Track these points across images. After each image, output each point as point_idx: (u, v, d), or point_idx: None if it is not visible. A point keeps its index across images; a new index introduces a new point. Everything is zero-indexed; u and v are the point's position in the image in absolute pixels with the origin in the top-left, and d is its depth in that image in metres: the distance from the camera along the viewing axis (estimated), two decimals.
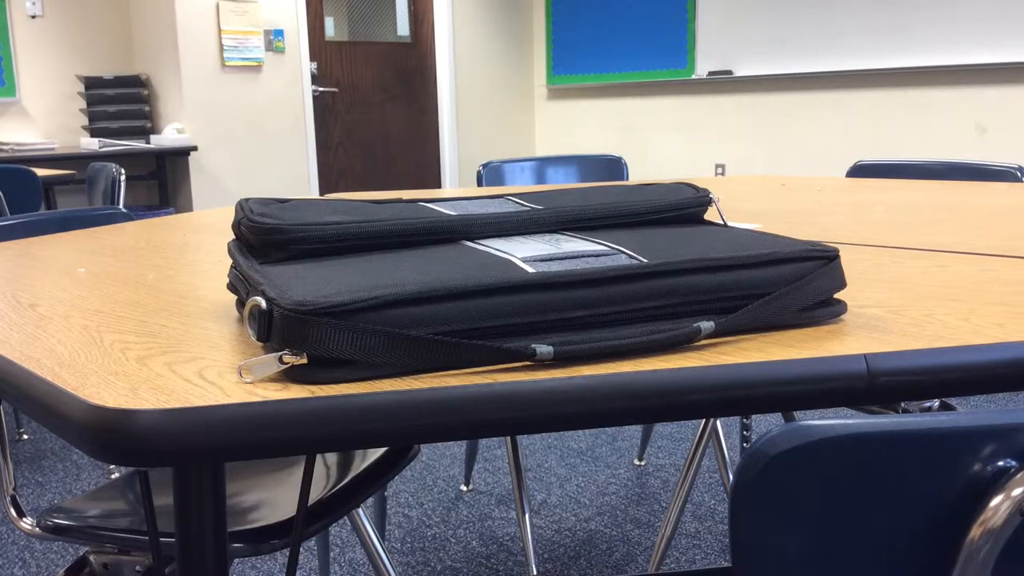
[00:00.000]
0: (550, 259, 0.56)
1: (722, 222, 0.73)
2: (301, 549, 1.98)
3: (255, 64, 5.13)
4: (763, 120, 5.29)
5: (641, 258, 0.56)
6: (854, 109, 4.89)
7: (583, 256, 0.57)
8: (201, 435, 0.42)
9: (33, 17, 4.67)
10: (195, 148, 4.81)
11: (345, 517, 1.21)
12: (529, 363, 0.49)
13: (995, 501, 0.42)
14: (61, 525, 1.08)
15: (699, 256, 0.56)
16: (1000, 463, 0.42)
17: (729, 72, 5.28)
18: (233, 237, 0.72)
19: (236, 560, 1.90)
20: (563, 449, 2.59)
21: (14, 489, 1.14)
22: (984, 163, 1.91)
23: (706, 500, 2.24)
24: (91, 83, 4.74)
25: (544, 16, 6.24)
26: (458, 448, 2.58)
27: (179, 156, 4.92)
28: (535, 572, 1.90)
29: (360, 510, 1.24)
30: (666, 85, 5.70)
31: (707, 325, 0.53)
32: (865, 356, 0.49)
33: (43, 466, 2.53)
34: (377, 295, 0.48)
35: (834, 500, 0.43)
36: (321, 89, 5.50)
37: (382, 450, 1.24)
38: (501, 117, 6.28)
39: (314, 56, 5.44)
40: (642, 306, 0.54)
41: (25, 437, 2.76)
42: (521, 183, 2.19)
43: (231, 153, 5.03)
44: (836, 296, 0.60)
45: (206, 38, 4.89)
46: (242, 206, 0.65)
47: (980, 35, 4.31)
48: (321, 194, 4.94)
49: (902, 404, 1.56)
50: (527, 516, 2.00)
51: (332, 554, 1.99)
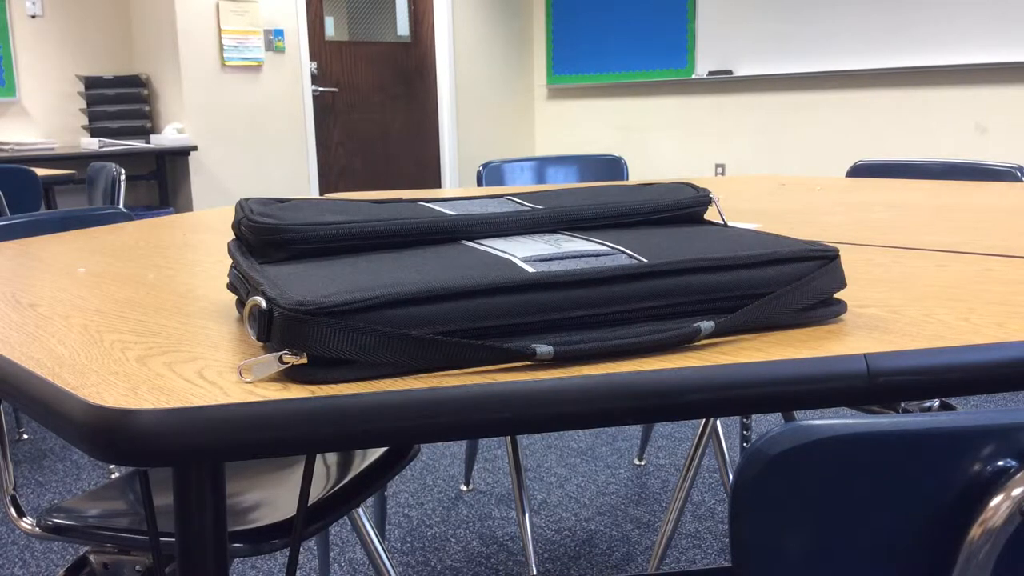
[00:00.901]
0: (550, 259, 0.56)
1: (722, 222, 0.73)
2: (301, 549, 1.98)
3: (255, 64, 5.13)
4: (763, 120, 5.29)
5: (641, 258, 0.56)
6: (854, 109, 4.89)
7: (583, 256, 0.57)
8: (201, 435, 0.42)
9: (33, 17, 4.67)
10: (195, 148, 4.81)
11: (345, 517, 1.21)
12: (529, 363, 0.49)
13: (995, 501, 0.42)
14: (61, 525, 1.08)
15: (699, 256, 0.56)
16: (1000, 463, 0.42)
17: (729, 72, 5.27)
18: (233, 237, 0.72)
19: (236, 560, 1.90)
20: (563, 449, 2.59)
21: (14, 489, 1.14)
22: (984, 163, 1.91)
23: (706, 500, 2.24)
24: (91, 83, 4.74)
25: (544, 16, 6.24)
26: (458, 448, 2.58)
27: (179, 156, 4.92)
28: (535, 572, 1.90)
29: (360, 510, 1.24)
30: (666, 85, 5.70)
31: (707, 325, 0.53)
32: (865, 356, 0.49)
33: (43, 466, 2.53)
34: (377, 295, 0.48)
35: (834, 500, 0.43)
36: (321, 89, 5.50)
37: (382, 450, 1.24)
38: (501, 117, 6.28)
39: (314, 56, 5.44)
40: (642, 306, 0.54)
41: (25, 437, 2.76)
42: (521, 183, 2.19)
43: (231, 153, 5.03)
44: (836, 296, 0.60)
45: (206, 38, 4.89)
46: (242, 206, 0.65)
47: (980, 35, 4.31)
48: (321, 194, 4.94)
49: (902, 404, 1.56)
50: (527, 516, 2.00)
51: (332, 554, 1.99)
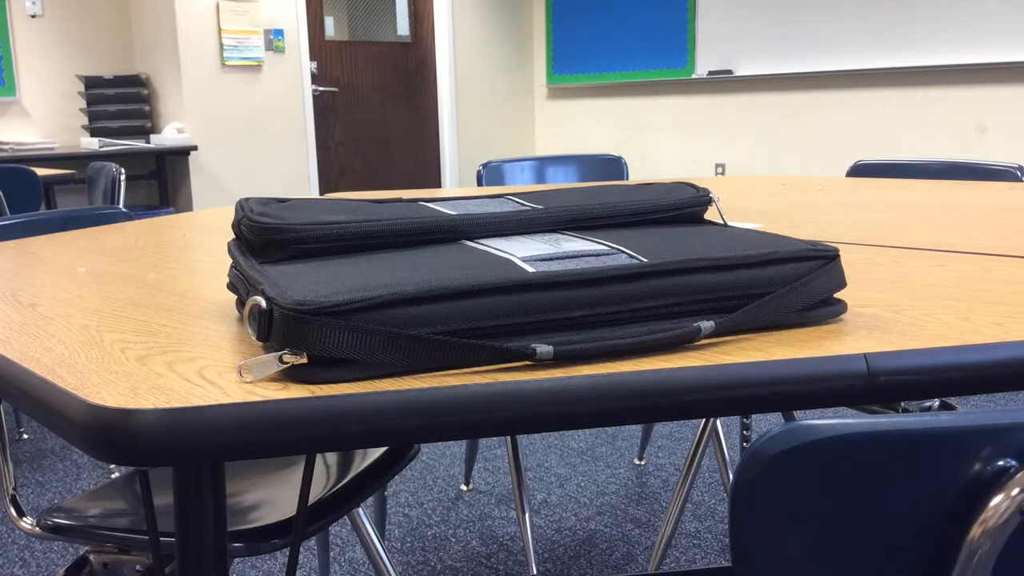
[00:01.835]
0: (550, 259, 0.56)
1: (722, 222, 0.73)
2: (301, 549, 1.98)
3: (255, 64, 5.13)
4: (763, 120, 5.29)
5: (641, 258, 0.56)
6: (854, 109, 4.89)
7: (583, 256, 0.57)
8: (201, 435, 0.42)
9: (33, 17, 4.67)
10: (195, 148, 4.81)
11: (345, 517, 1.21)
12: (529, 363, 0.49)
13: (995, 501, 0.42)
14: (61, 525, 1.08)
15: (699, 256, 0.56)
16: (1000, 463, 0.42)
17: (729, 72, 5.28)
18: (233, 237, 0.72)
19: (236, 560, 1.90)
20: (563, 449, 2.59)
21: (14, 489, 1.14)
22: (984, 163, 1.91)
23: (706, 500, 2.24)
24: (91, 83, 4.74)
25: (544, 16, 6.24)
26: (458, 448, 2.58)
27: (179, 156, 4.92)
28: (535, 572, 1.90)
29: (360, 510, 1.24)
30: (666, 85, 5.70)
31: (707, 325, 0.53)
32: (865, 356, 0.49)
33: (43, 466, 2.53)
34: (377, 295, 0.48)
35: (834, 500, 0.43)
36: (321, 89, 5.50)
37: (382, 450, 1.24)
38: (501, 117, 6.28)
39: (314, 56, 5.44)
40: (642, 306, 0.54)
41: (25, 437, 2.76)
42: (521, 183, 2.19)
43: (231, 153, 5.03)
44: (836, 296, 0.60)
45: (206, 38, 4.89)
46: (242, 206, 0.65)
47: (980, 35, 4.31)
48: (321, 194, 4.94)
49: (902, 404, 1.56)
50: (527, 516, 2.00)
51: (332, 554, 1.99)
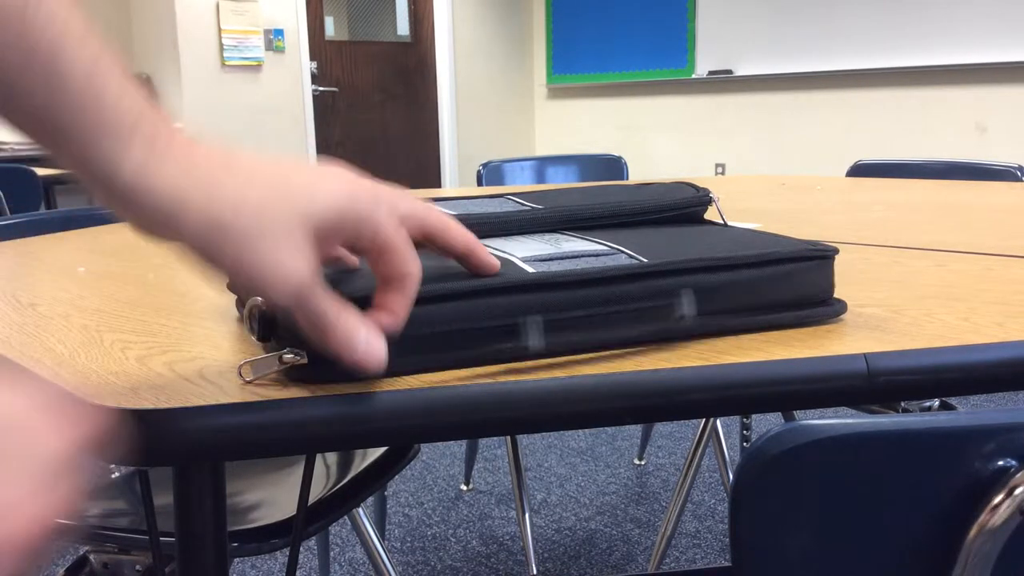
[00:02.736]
0: (550, 259, 0.56)
1: (722, 222, 0.73)
2: (301, 548, 1.98)
3: (255, 64, 5.13)
4: (763, 120, 5.29)
5: (641, 258, 0.56)
6: (854, 109, 4.89)
7: (583, 256, 0.57)
8: (201, 435, 0.42)
9: None
10: None
11: (345, 516, 1.21)
12: (529, 363, 0.49)
13: (995, 501, 0.42)
14: (61, 524, 1.08)
15: (699, 256, 0.56)
16: (1000, 463, 0.42)
17: (729, 72, 5.28)
18: None
19: (236, 560, 1.90)
20: (563, 448, 2.59)
21: None
22: (984, 163, 1.91)
23: (706, 500, 2.24)
24: None
25: (544, 16, 6.24)
26: (458, 448, 2.58)
27: None
28: (535, 571, 1.90)
29: (360, 509, 1.24)
30: (666, 85, 5.70)
31: (688, 302, 0.53)
32: (865, 356, 0.49)
33: None
34: None
35: (834, 500, 0.43)
36: (321, 88, 5.50)
37: (382, 450, 1.24)
38: (501, 117, 6.28)
39: (314, 55, 5.44)
40: (642, 305, 0.54)
41: None
42: (521, 183, 2.19)
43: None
44: (836, 297, 0.60)
45: (206, 37, 4.89)
46: None
47: (980, 35, 4.31)
48: None
49: (902, 404, 1.56)
50: (527, 515, 2.00)
51: (332, 553, 1.99)
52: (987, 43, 4.29)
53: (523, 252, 0.58)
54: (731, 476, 1.46)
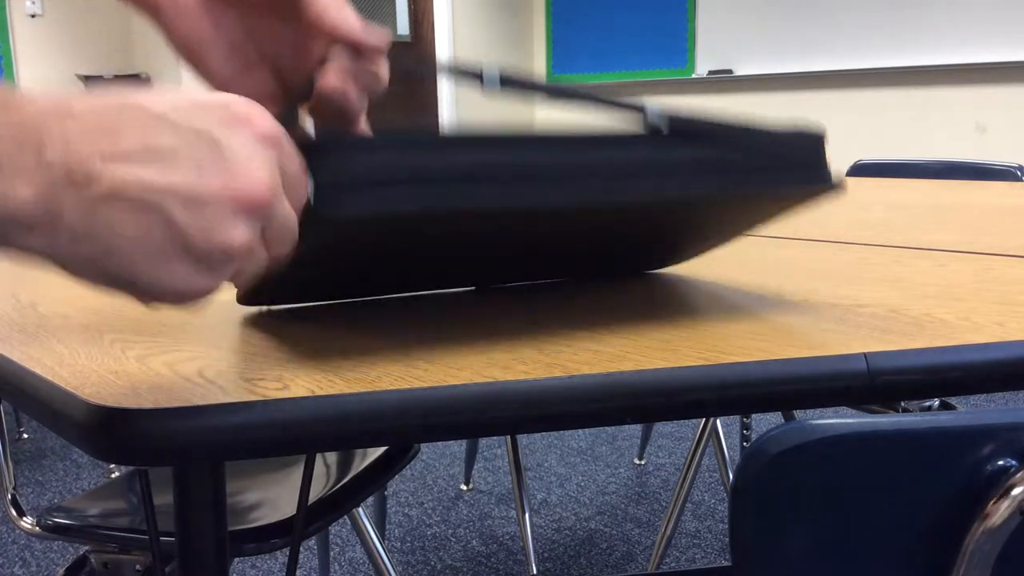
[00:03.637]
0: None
1: None
2: (301, 548, 1.98)
3: None
4: (763, 120, 5.28)
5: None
6: (854, 109, 4.89)
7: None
8: (201, 435, 0.42)
9: (33, 17, 4.67)
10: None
11: (345, 516, 1.21)
12: (529, 363, 0.49)
13: (995, 501, 0.42)
14: (61, 524, 1.08)
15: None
16: (1000, 463, 0.42)
17: (729, 71, 5.27)
18: None
19: (236, 559, 1.90)
20: (563, 448, 2.59)
21: (14, 488, 1.14)
22: (984, 162, 1.91)
23: (706, 499, 2.24)
24: (91, 82, 4.74)
25: (544, 15, 6.24)
26: (458, 447, 2.58)
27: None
28: (535, 571, 1.90)
29: (360, 509, 1.24)
30: (666, 84, 5.70)
31: (653, 110, 0.52)
32: (865, 355, 0.49)
33: (43, 465, 2.53)
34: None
35: (834, 499, 0.43)
36: None
37: (382, 449, 1.24)
38: (501, 116, 6.29)
39: None
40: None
41: (25, 436, 2.76)
42: None
43: None
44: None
45: None
46: None
47: (980, 35, 4.31)
48: None
49: (902, 403, 1.56)
50: (527, 515, 2.00)
51: (332, 553, 1.99)
52: (987, 43, 4.29)
53: None
54: (731, 476, 1.46)
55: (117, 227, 0.35)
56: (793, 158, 0.57)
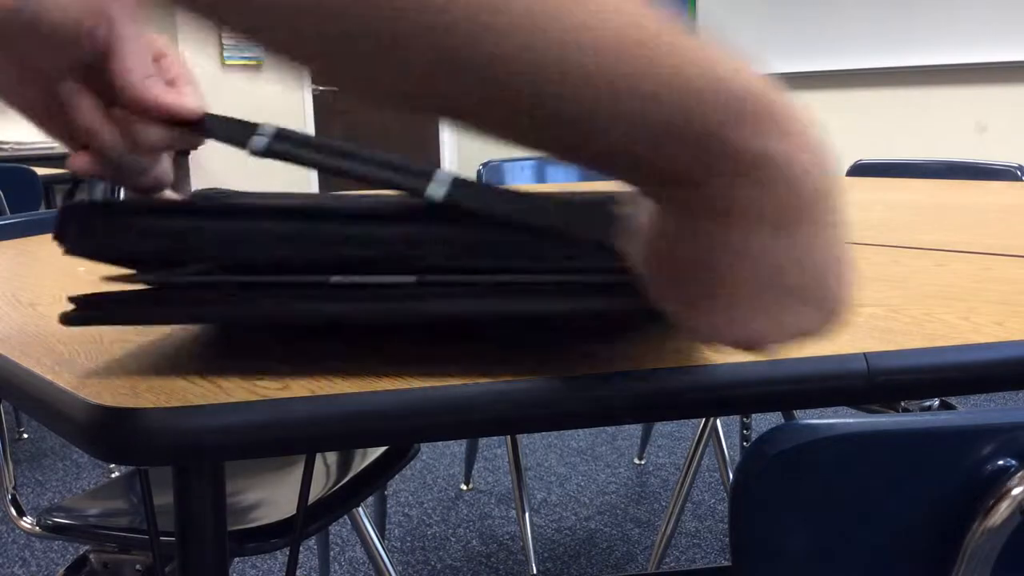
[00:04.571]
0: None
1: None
2: (301, 548, 1.98)
3: (255, 63, 5.13)
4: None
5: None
6: (854, 109, 4.89)
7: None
8: (201, 435, 0.42)
9: None
10: (195, 147, 4.81)
11: (345, 516, 1.21)
12: (527, 364, 0.49)
13: (995, 501, 0.42)
14: (61, 524, 1.08)
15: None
16: (1000, 463, 0.42)
17: None
18: None
19: (236, 559, 1.90)
20: (563, 448, 2.59)
21: (14, 488, 1.14)
22: (984, 162, 1.91)
23: (706, 499, 2.24)
24: None
25: None
26: (458, 447, 2.58)
27: (179, 155, 4.91)
28: (535, 571, 1.90)
29: (360, 509, 1.24)
30: None
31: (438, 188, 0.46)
32: (865, 355, 0.49)
33: (43, 465, 2.53)
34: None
35: (834, 499, 0.43)
36: (321, 88, 5.50)
37: (382, 449, 1.24)
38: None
39: None
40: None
41: (25, 436, 2.76)
42: (521, 182, 2.19)
43: (231, 153, 5.03)
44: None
45: (206, 37, 4.89)
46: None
47: (980, 34, 4.31)
48: (320, 190, 4.94)
49: (902, 403, 1.56)
50: (527, 515, 2.00)
51: (332, 553, 1.99)
52: (987, 43, 4.29)
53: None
54: (731, 475, 1.46)
55: None
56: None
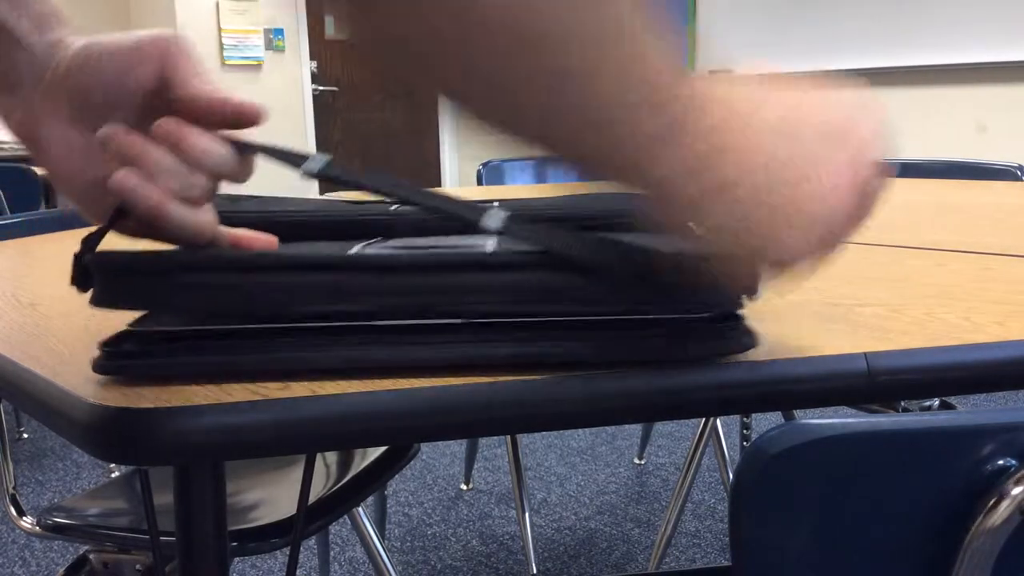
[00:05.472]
0: (411, 248, 0.51)
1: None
2: (301, 548, 1.98)
3: (255, 63, 5.13)
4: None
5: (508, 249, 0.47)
6: None
7: (456, 248, 0.51)
8: (201, 434, 0.42)
9: None
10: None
11: (345, 516, 1.21)
12: (526, 363, 0.49)
13: (995, 501, 0.42)
14: (61, 524, 1.08)
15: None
16: (1000, 462, 0.42)
17: (729, 72, 5.27)
18: None
19: (236, 559, 1.90)
20: (563, 448, 2.59)
21: (14, 488, 1.14)
22: (984, 162, 1.91)
23: (706, 499, 2.24)
24: None
25: None
26: (458, 447, 2.58)
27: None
28: (535, 571, 1.90)
29: (360, 509, 1.24)
30: None
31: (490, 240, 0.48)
32: (865, 355, 0.49)
33: (43, 465, 2.53)
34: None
35: (834, 499, 0.43)
36: (321, 88, 5.50)
37: (382, 449, 1.24)
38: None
39: (314, 55, 5.44)
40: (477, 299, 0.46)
41: (25, 436, 2.76)
42: (521, 182, 2.19)
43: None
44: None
45: (206, 37, 4.89)
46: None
47: (980, 34, 4.31)
48: (321, 193, 4.94)
49: (902, 403, 1.56)
50: (527, 515, 2.00)
51: (332, 553, 1.99)
52: (987, 43, 4.29)
53: (415, 244, 0.54)
54: (731, 475, 1.46)
55: None
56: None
